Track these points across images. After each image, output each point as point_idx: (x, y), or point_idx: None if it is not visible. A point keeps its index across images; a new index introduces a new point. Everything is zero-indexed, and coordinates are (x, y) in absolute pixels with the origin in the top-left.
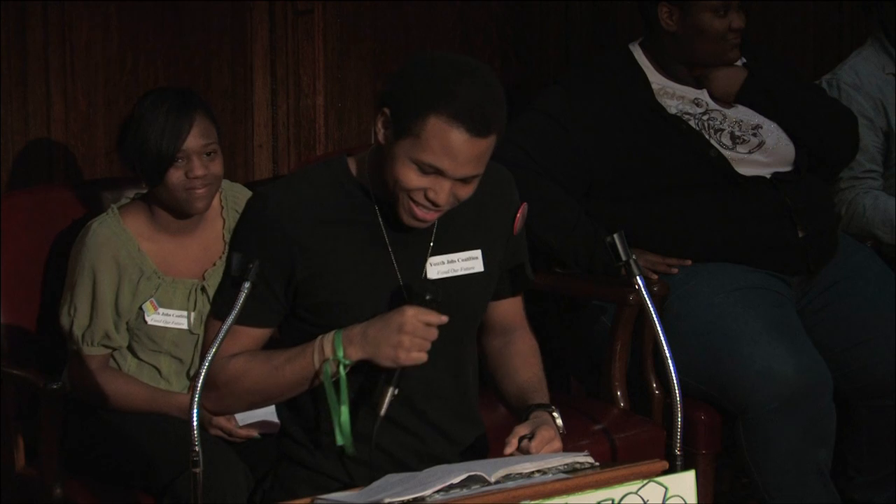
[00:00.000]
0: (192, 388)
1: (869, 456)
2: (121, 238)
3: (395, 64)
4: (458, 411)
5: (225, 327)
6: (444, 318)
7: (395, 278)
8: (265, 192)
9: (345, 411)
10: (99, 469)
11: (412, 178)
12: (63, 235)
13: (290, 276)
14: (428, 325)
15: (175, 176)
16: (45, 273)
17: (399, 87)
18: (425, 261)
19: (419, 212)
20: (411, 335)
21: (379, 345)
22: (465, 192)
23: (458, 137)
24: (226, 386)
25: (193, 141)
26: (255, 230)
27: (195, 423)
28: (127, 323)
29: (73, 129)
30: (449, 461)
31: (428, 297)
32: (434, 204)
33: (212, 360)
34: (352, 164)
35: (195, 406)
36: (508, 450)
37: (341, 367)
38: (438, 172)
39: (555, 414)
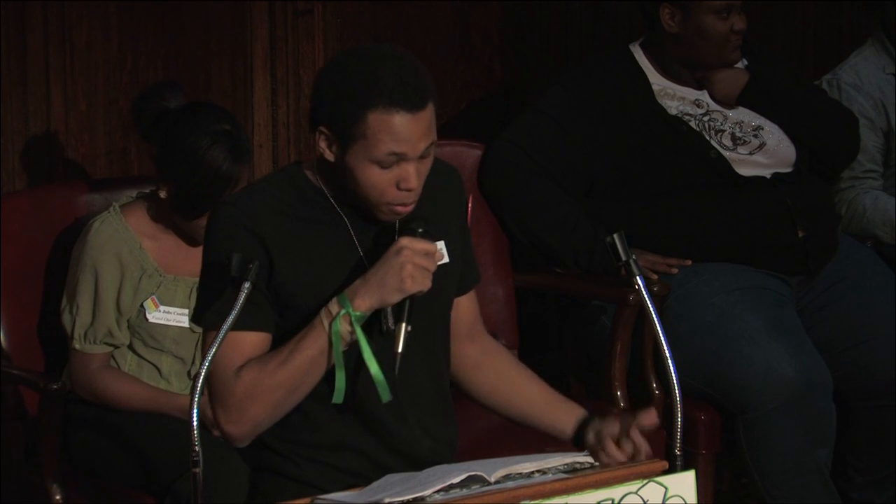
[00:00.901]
0: (193, 388)
1: (869, 456)
2: (122, 236)
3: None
4: (435, 407)
5: (225, 327)
6: (436, 248)
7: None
8: (228, 199)
9: (373, 363)
10: (99, 469)
11: (377, 177)
12: (63, 235)
13: (269, 274)
14: (426, 254)
15: (202, 222)
16: (46, 273)
17: (326, 103)
18: None
19: (399, 208)
20: (412, 262)
21: (384, 283)
22: (425, 167)
23: (402, 120)
24: (246, 398)
25: (230, 192)
26: (226, 234)
27: (195, 423)
28: (128, 321)
29: (73, 129)
30: (427, 458)
31: (420, 230)
32: (408, 190)
33: (210, 362)
34: (307, 171)
35: (195, 406)
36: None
37: (354, 323)
38: (400, 159)
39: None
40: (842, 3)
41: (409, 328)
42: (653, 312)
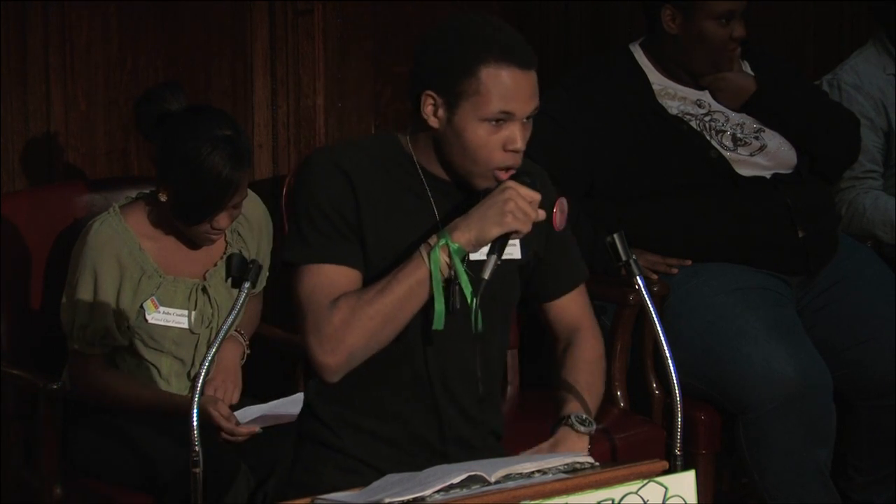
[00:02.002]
0: (193, 388)
1: (869, 456)
2: (122, 237)
3: (395, 64)
4: (483, 396)
5: (224, 327)
6: (539, 198)
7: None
8: (326, 147)
9: (468, 290)
10: (99, 469)
11: (485, 136)
12: (63, 235)
13: (357, 216)
14: (530, 202)
15: (203, 227)
16: (46, 273)
17: (432, 66)
18: None
19: (503, 172)
20: (516, 201)
21: (485, 217)
22: (528, 131)
23: (513, 75)
24: (343, 326)
25: (231, 200)
26: (318, 172)
27: (195, 423)
28: (128, 322)
29: (73, 129)
30: (473, 443)
31: (528, 181)
32: (515, 152)
33: (211, 360)
34: (402, 141)
35: (195, 406)
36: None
37: (453, 255)
38: (508, 117)
39: (573, 422)
40: (842, 3)
41: (500, 262)
42: (653, 312)
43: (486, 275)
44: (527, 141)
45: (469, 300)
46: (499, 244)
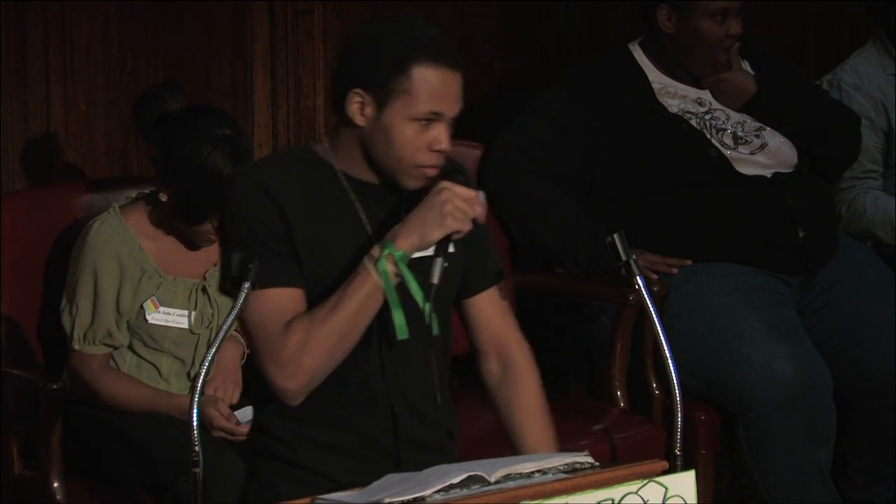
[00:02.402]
0: (193, 388)
1: (869, 456)
2: (122, 237)
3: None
4: (431, 394)
5: (224, 327)
6: (477, 196)
7: (370, 245)
8: (245, 170)
9: (419, 295)
10: (99, 469)
11: (412, 135)
12: (63, 235)
13: (288, 235)
14: (467, 198)
15: (203, 227)
16: (46, 273)
17: (362, 64)
18: None
19: (428, 170)
20: (453, 202)
21: (425, 221)
22: (450, 132)
23: (444, 76)
24: (300, 350)
25: None
26: (244, 199)
27: (195, 423)
28: (128, 322)
29: (73, 129)
30: (430, 445)
31: (461, 178)
32: (439, 153)
33: (211, 360)
34: (318, 150)
35: (195, 406)
36: None
37: (399, 262)
38: (437, 117)
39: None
40: (842, 3)
41: (446, 264)
42: (653, 312)
43: (436, 279)
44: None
45: (422, 306)
46: (442, 246)
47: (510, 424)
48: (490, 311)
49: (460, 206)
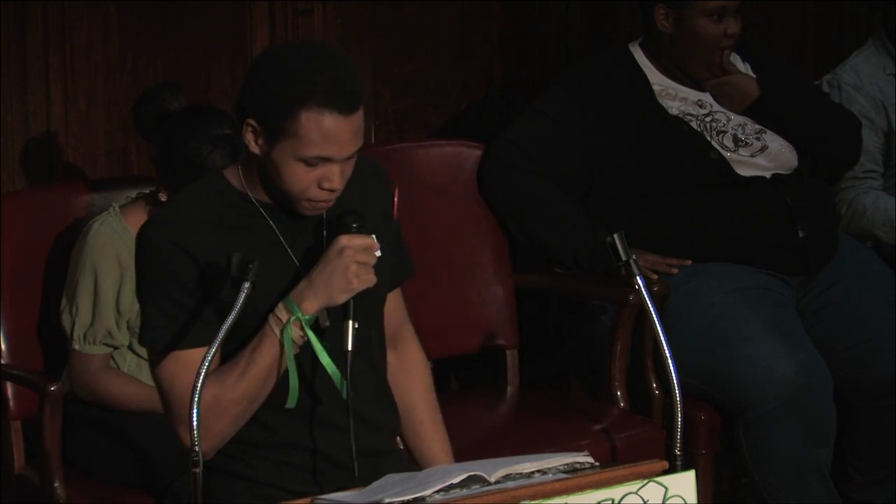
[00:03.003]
0: (193, 388)
1: (869, 456)
2: (122, 237)
3: (395, 64)
4: (378, 400)
5: (224, 327)
6: (374, 243)
7: (298, 273)
8: (154, 217)
9: (328, 362)
10: (99, 469)
11: (301, 175)
12: (63, 235)
13: (202, 284)
14: (365, 249)
15: None
16: (46, 273)
17: (258, 94)
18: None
19: (320, 204)
20: (355, 261)
21: (330, 283)
22: (350, 167)
23: (333, 122)
24: (209, 415)
25: None
26: (152, 253)
27: (195, 424)
28: (128, 321)
29: (73, 129)
30: (379, 451)
31: (355, 226)
32: (331, 191)
33: (211, 360)
34: (230, 176)
35: (195, 406)
36: None
37: (305, 326)
38: (326, 160)
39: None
40: (842, 3)
41: (356, 325)
42: (653, 312)
43: (349, 346)
44: (348, 175)
45: (334, 376)
46: (351, 306)
47: (402, 417)
48: (393, 305)
49: (363, 259)
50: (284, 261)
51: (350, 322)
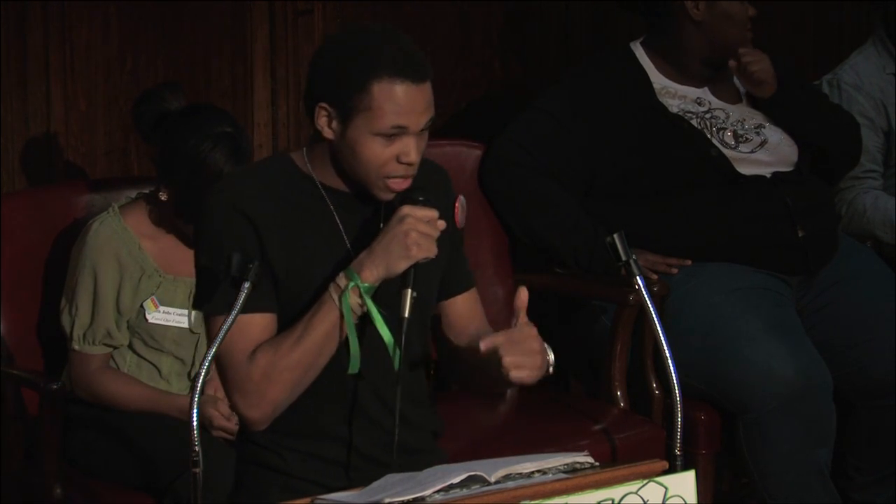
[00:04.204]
0: (193, 388)
1: (869, 456)
2: (121, 237)
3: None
4: (415, 398)
5: (225, 327)
6: (436, 214)
7: (349, 256)
8: (219, 185)
9: (385, 331)
10: (99, 469)
11: (379, 151)
12: (63, 235)
13: (262, 253)
14: (428, 221)
15: None
16: (46, 273)
17: (326, 77)
18: None
19: (396, 183)
20: (416, 230)
21: (389, 252)
22: (424, 141)
23: (406, 90)
24: (264, 381)
25: None
26: (218, 217)
27: (195, 424)
28: (128, 321)
29: (73, 129)
30: (421, 448)
31: (421, 199)
32: (408, 164)
33: (211, 360)
34: (296, 159)
35: (195, 406)
36: (483, 346)
37: (363, 294)
38: (401, 131)
39: (548, 348)
40: (842, 2)
41: (415, 294)
42: (653, 312)
43: (406, 313)
44: (422, 151)
45: (387, 340)
46: (411, 275)
47: (457, 348)
48: (469, 313)
49: (424, 229)
50: (339, 245)
51: (409, 290)
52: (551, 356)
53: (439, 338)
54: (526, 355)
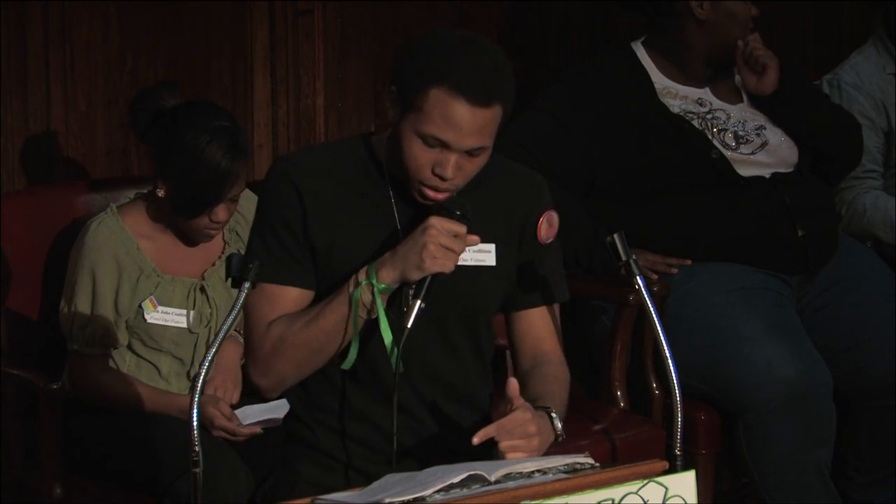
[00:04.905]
0: (193, 388)
1: (869, 456)
2: (120, 237)
3: (395, 64)
4: (457, 395)
5: (224, 327)
6: (465, 230)
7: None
8: (285, 155)
9: (387, 333)
10: (99, 469)
11: (418, 152)
12: (63, 235)
13: (304, 228)
14: (455, 235)
15: (202, 221)
16: (45, 273)
17: (404, 64)
18: None
19: (428, 191)
20: (436, 242)
21: (407, 259)
22: (472, 166)
23: (459, 108)
24: (273, 352)
25: (230, 191)
26: (270, 186)
27: (195, 424)
28: (126, 321)
29: (73, 129)
30: (455, 449)
31: (458, 213)
32: (441, 178)
33: (211, 360)
34: (373, 142)
35: (195, 406)
36: (475, 440)
37: (376, 293)
38: (443, 145)
39: (553, 414)
40: (842, 2)
41: (423, 305)
42: (653, 312)
43: (409, 323)
44: (469, 174)
45: (388, 349)
46: (424, 286)
47: (533, 388)
48: (540, 327)
49: (445, 242)
50: (392, 235)
51: (418, 301)
52: (559, 425)
53: (511, 358)
54: (521, 438)
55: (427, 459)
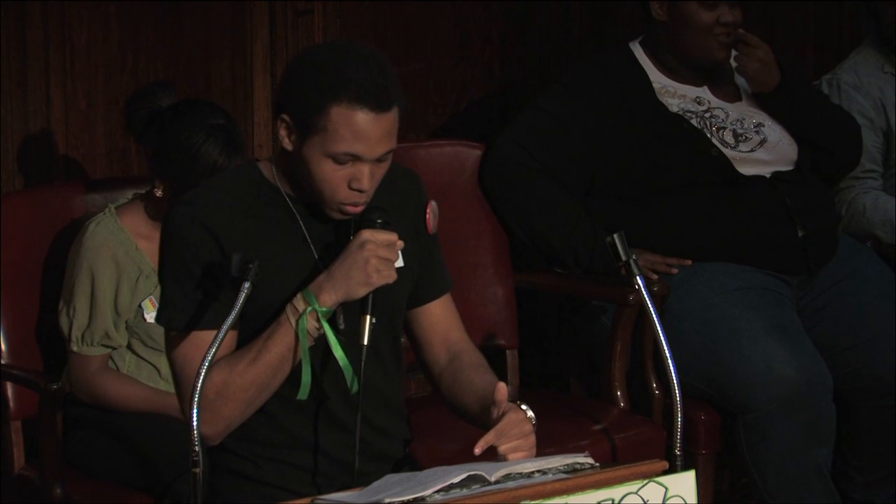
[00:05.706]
0: (193, 388)
1: (869, 456)
2: (118, 237)
3: (395, 64)
4: (387, 404)
5: (224, 327)
6: (396, 238)
7: (317, 269)
8: (184, 198)
9: (341, 355)
10: (99, 469)
11: (330, 172)
12: (63, 235)
13: (221, 268)
14: (388, 245)
15: None
16: (45, 273)
17: (292, 90)
18: None
19: (349, 207)
20: (376, 255)
21: (349, 276)
22: (382, 171)
23: (364, 118)
24: (218, 399)
25: None
26: (178, 232)
27: (195, 424)
28: (126, 322)
29: (73, 129)
30: (390, 455)
31: (379, 221)
32: (359, 191)
33: (211, 360)
34: (263, 169)
35: (195, 406)
36: (477, 450)
37: (321, 318)
38: (355, 158)
39: (523, 406)
40: (842, 3)
41: (374, 320)
42: (653, 312)
43: (366, 340)
44: (379, 179)
45: (345, 369)
46: (370, 301)
47: (453, 393)
48: (443, 320)
49: (384, 254)
50: (306, 256)
51: (367, 317)
52: (531, 413)
53: (418, 355)
54: (519, 438)
55: (378, 473)
